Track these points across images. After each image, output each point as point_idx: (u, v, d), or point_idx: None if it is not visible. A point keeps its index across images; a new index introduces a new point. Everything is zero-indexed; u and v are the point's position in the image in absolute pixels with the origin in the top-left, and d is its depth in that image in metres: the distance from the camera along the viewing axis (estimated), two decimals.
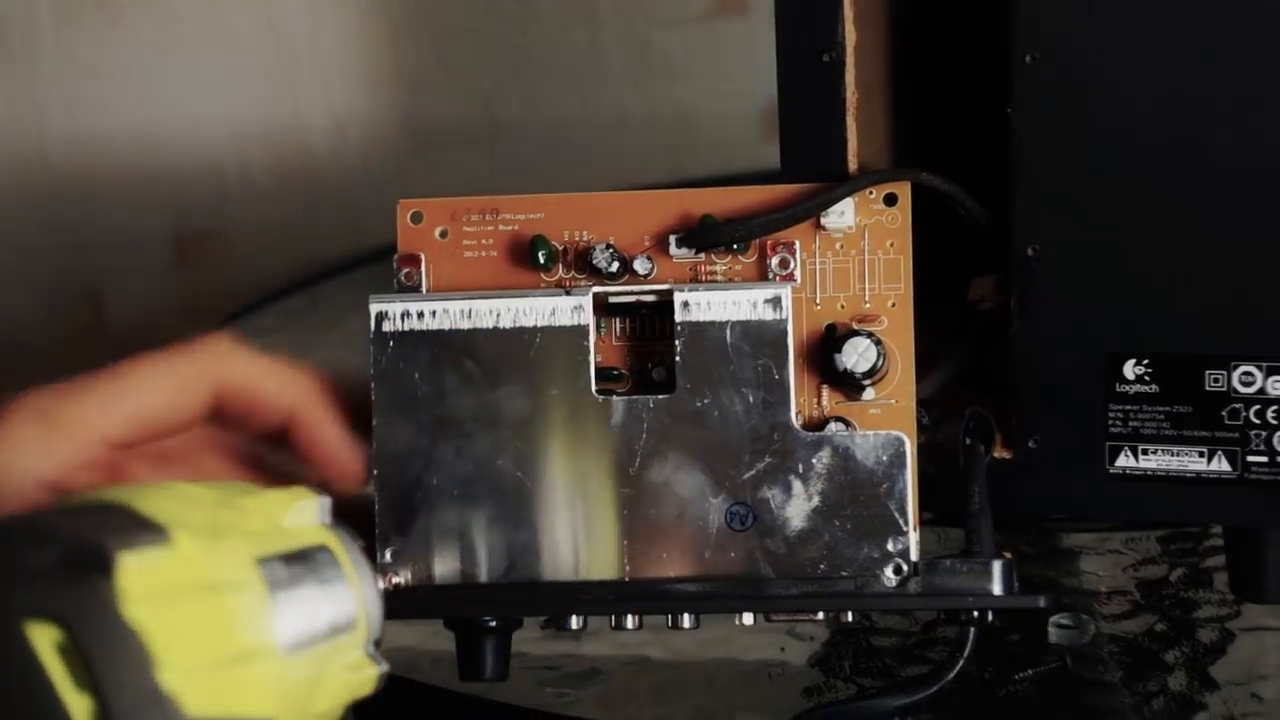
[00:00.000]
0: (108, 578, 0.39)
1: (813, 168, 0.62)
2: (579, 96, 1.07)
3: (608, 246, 0.58)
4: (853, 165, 0.62)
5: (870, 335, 0.57)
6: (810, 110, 0.62)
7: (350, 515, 0.56)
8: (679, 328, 0.57)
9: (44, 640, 0.38)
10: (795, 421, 0.56)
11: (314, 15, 1.06)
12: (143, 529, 0.42)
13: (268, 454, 0.61)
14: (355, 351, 0.59)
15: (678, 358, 0.57)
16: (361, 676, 0.49)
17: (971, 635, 0.56)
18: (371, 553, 0.56)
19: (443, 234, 0.59)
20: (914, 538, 0.56)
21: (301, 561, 0.47)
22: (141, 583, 0.40)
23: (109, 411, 0.56)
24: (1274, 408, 0.59)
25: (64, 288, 1.06)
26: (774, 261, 0.58)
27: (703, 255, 0.58)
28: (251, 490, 0.50)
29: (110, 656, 0.39)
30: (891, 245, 0.58)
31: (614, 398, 0.57)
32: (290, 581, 0.46)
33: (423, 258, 0.59)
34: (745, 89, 1.07)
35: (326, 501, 0.51)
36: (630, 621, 0.57)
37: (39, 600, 0.39)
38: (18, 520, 0.44)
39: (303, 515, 0.49)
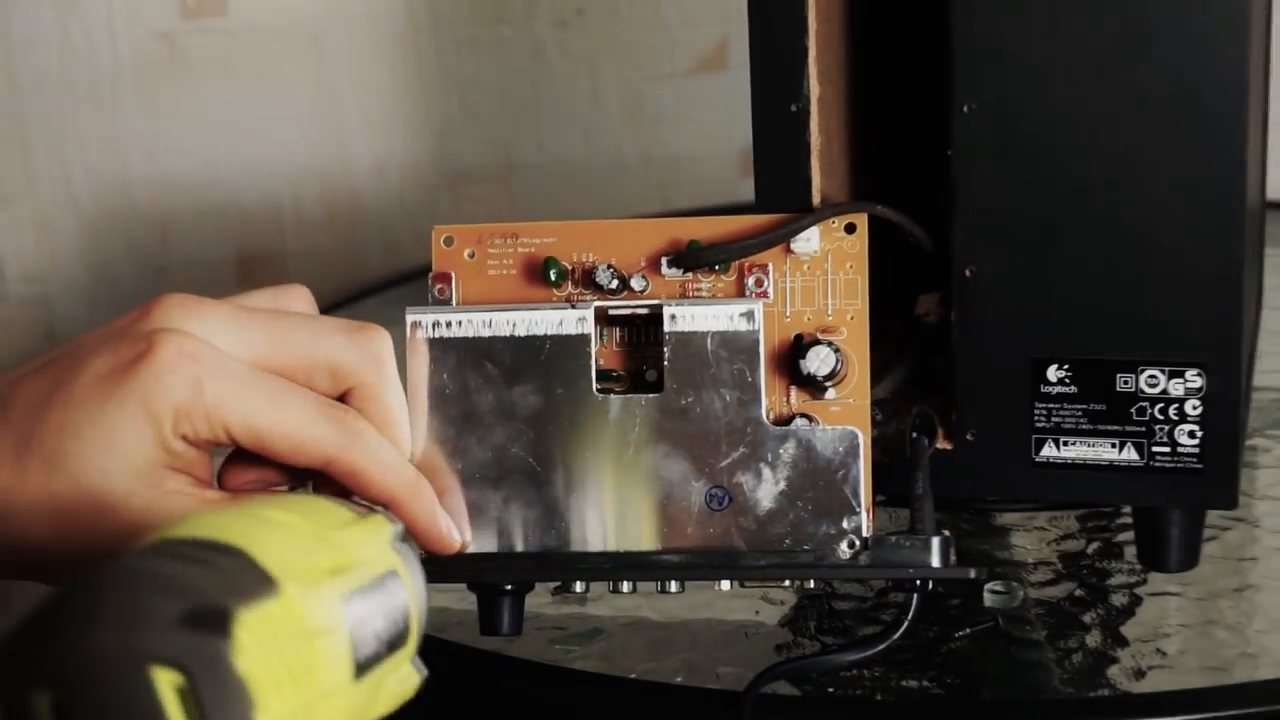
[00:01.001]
0: (227, 635, 0.39)
1: (783, 201, 0.62)
2: (583, 140, 1.06)
3: (609, 267, 0.58)
4: (816, 199, 0.62)
5: (831, 344, 0.56)
6: (780, 152, 0.62)
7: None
8: (667, 336, 0.57)
9: (166, 683, 0.37)
10: (766, 417, 0.57)
11: (358, 72, 1.06)
12: (258, 582, 0.40)
13: None
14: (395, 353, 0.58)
15: (666, 362, 0.57)
16: (407, 686, 0.47)
17: (915, 600, 0.56)
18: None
19: (470, 255, 0.59)
20: (866, 517, 0.56)
21: (376, 592, 0.45)
22: (253, 637, 0.39)
23: (247, 421, 0.52)
24: (1175, 405, 0.59)
25: (122, 296, 1.06)
26: (750, 280, 0.58)
27: (690, 274, 0.58)
28: (338, 516, 0.47)
29: (221, 703, 0.38)
30: (850, 267, 0.58)
31: (612, 396, 0.57)
32: (367, 616, 0.44)
33: (453, 275, 0.59)
34: (725, 134, 1.07)
35: (400, 527, 0.49)
36: (625, 587, 0.57)
37: (166, 648, 0.38)
38: (149, 565, 0.41)
39: (380, 543, 0.47)
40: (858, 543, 0.56)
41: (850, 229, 0.58)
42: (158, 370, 0.52)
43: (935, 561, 0.56)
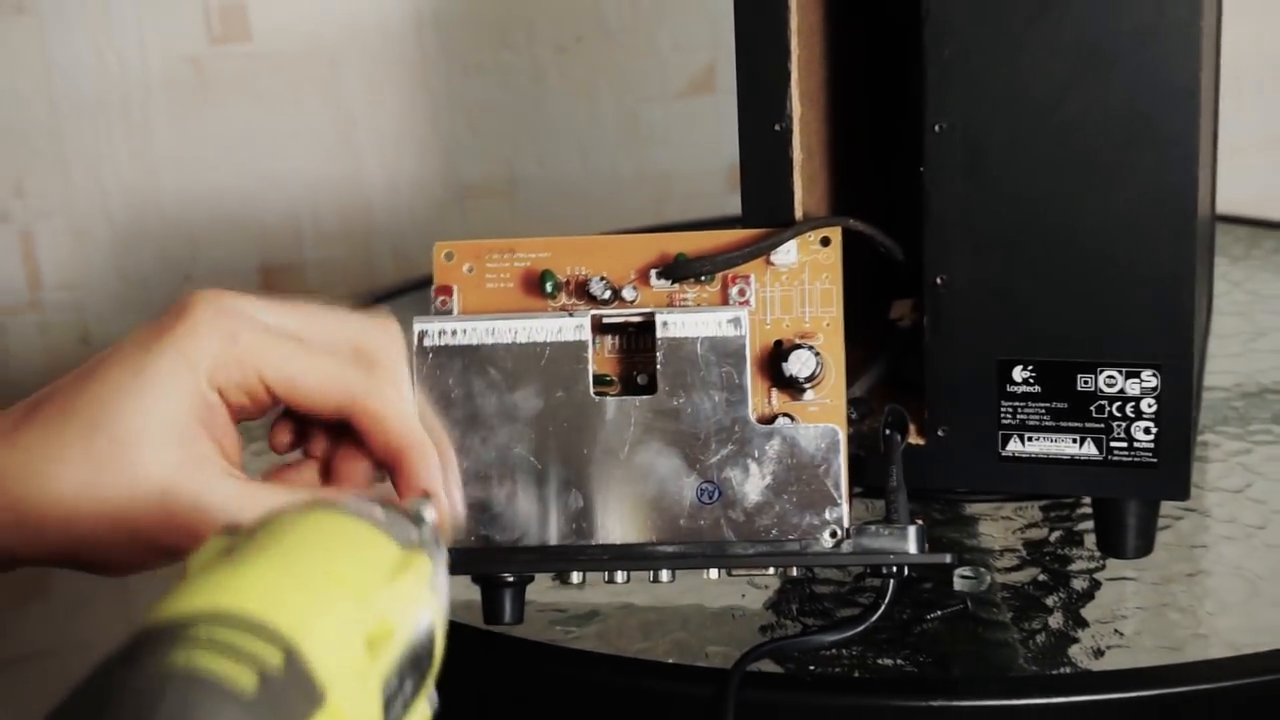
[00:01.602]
0: None
1: (767, 214, 0.62)
2: (581, 157, 1.06)
3: (602, 278, 0.58)
4: (799, 213, 0.62)
5: (812, 348, 0.57)
6: (765, 169, 0.62)
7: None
8: (660, 342, 0.57)
9: None
10: (751, 416, 0.56)
11: (371, 95, 1.06)
12: (308, 699, 0.34)
13: None
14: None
15: (658, 366, 0.57)
16: (419, 717, 0.41)
17: (891, 585, 0.56)
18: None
19: (469, 269, 0.59)
20: (846, 508, 0.56)
21: (413, 652, 0.40)
22: None
23: (280, 365, 0.52)
24: (1131, 404, 0.59)
25: (164, 303, 1.06)
26: (734, 290, 0.58)
27: (677, 285, 0.58)
28: (383, 556, 0.40)
29: None
30: (826, 277, 0.58)
31: (607, 398, 0.57)
32: (401, 680, 0.39)
33: (454, 288, 0.59)
34: (714, 152, 1.07)
35: (432, 520, 0.44)
36: (621, 577, 0.57)
37: None
38: (196, 671, 0.34)
39: (420, 587, 0.41)
40: (839, 532, 0.56)
41: (825, 242, 0.58)
42: (194, 323, 0.52)
43: (912, 549, 0.56)
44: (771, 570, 0.59)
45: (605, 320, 0.58)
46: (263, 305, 0.53)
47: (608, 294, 0.58)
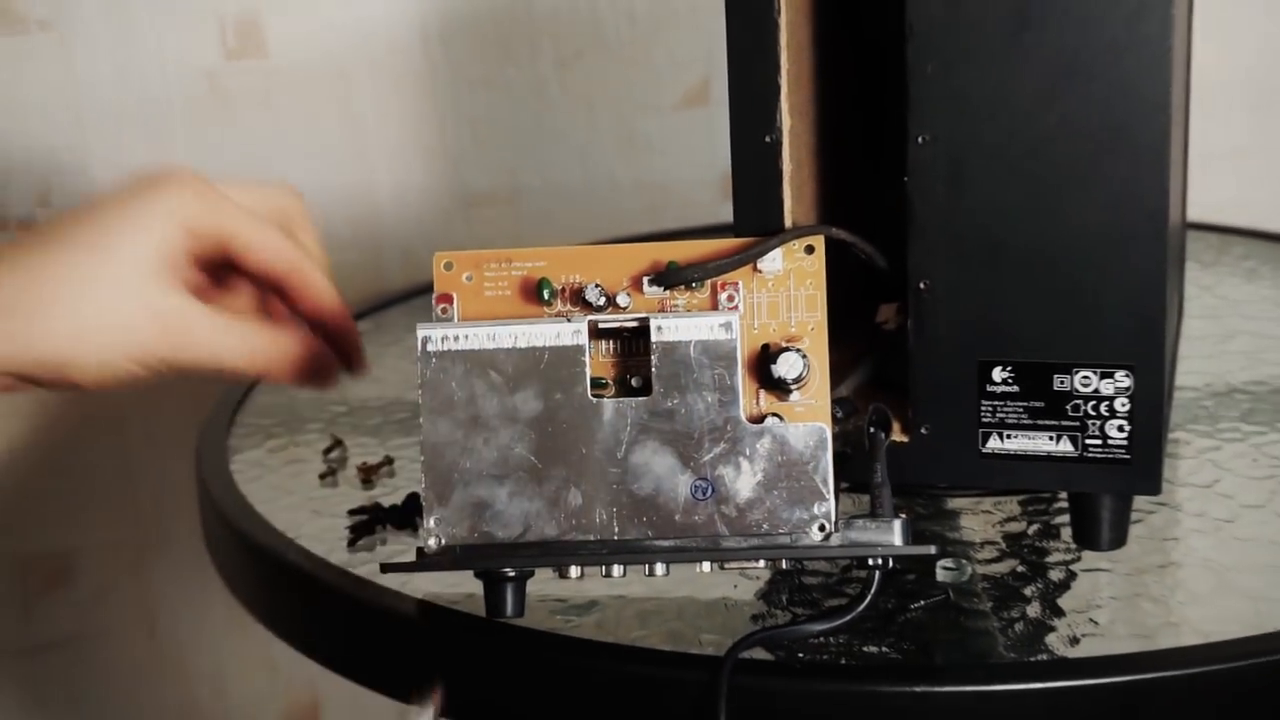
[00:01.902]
0: None
1: (758, 222, 0.62)
2: (581, 167, 1.06)
3: (596, 286, 0.58)
4: (788, 221, 0.62)
5: (797, 351, 0.57)
6: (756, 178, 0.62)
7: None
8: (654, 346, 0.57)
9: None
10: (742, 416, 0.56)
11: (381, 107, 1.06)
12: None
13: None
14: (411, 361, 0.59)
15: (653, 369, 0.57)
16: None
17: (877, 576, 0.56)
18: None
19: (468, 278, 0.59)
20: (833, 503, 0.56)
21: None
22: None
23: (241, 230, 0.62)
24: (1106, 403, 0.59)
25: None
26: (723, 296, 0.58)
27: (669, 292, 0.58)
28: None
29: None
30: (810, 284, 0.58)
31: (604, 400, 0.57)
32: None
33: (454, 296, 0.59)
34: (707, 162, 1.07)
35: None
36: (618, 571, 0.57)
37: None
38: None
39: None
40: (827, 526, 0.56)
41: (809, 250, 0.58)
42: (179, 181, 0.61)
43: (896, 541, 0.56)
44: (762, 563, 0.59)
45: (601, 325, 0.57)
46: (220, 184, 0.62)
47: (603, 300, 0.58)
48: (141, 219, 0.60)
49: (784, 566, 0.62)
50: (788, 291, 0.58)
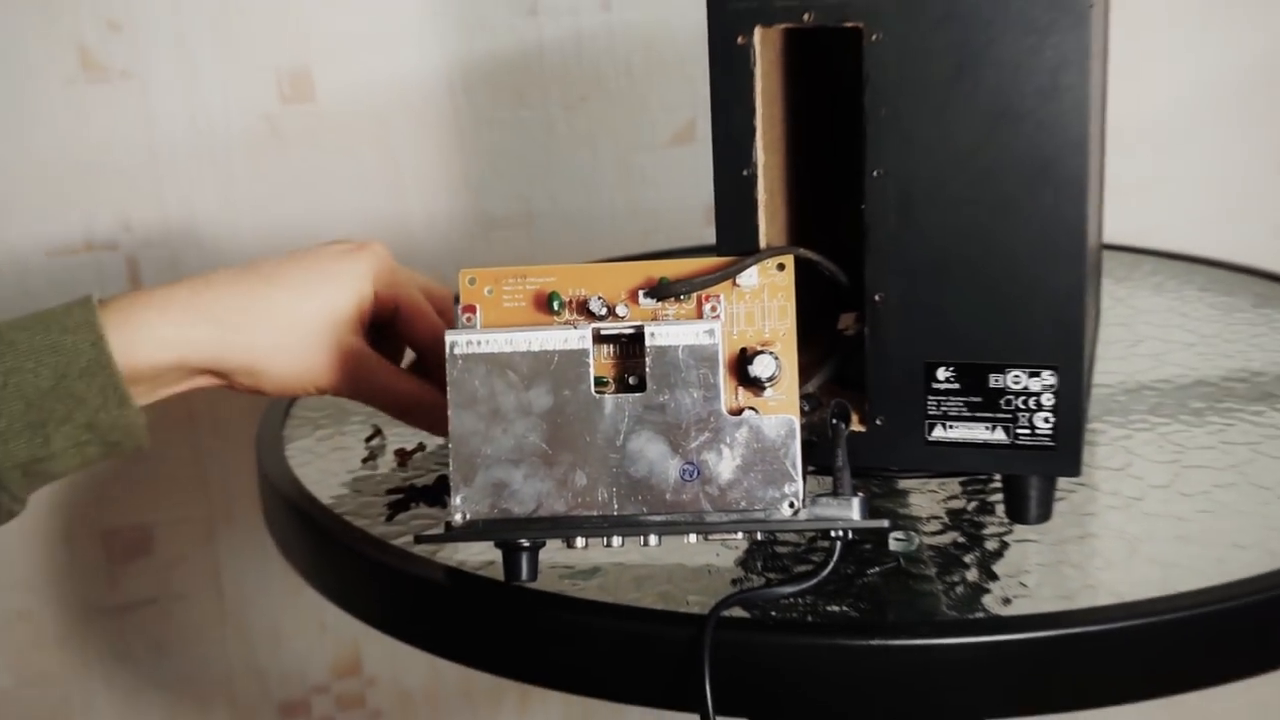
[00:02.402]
0: None
1: (736, 243, 0.62)
2: (585, 196, 1.06)
3: (599, 298, 0.58)
4: (763, 243, 0.62)
5: (771, 354, 0.57)
6: (735, 206, 0.62)
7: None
8: (648, 349, 0.57)
9: None
10: (723, 409, 0.56)
11: (413, 145, 1.06)
12: None
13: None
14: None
15: (647, 369, 0.57)
16: None
17: (838, 546, 0.57)
18: None
19: (489, 291, 0.59)
20: (801, 484, 0.56)
21: None
22: None
23: (409, 294, 0.66)
24: (1033, 398, 0.59)
25: None
26: (707, 307, 0.58)
27: (661, 303, 0.58)
28: None
29: None
30: (781, 296, 0.58)
31: (605, 396, 0.57)
32: None
33: (477, 307, 0.59)
34: (693, 192, 1.07)
35: None
36: (617, 542, 0.57)
37: None
38: None
39: None
40: (796, 503, 0.56)
41: (781, 267, 0.58)
42: (376, 254, 0.66)
43: (855, 516, 0.56)
44: (740, 535, 0.59)
45: (603, 332, 0.57)
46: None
47: (604, 311, 0.58)
48: (344, 276, 0.64)
49: (759, 538, 0.63)
50: (762, 303, 0.58)
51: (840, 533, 0.56)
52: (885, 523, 0.58)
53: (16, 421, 0.58)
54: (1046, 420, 0.59)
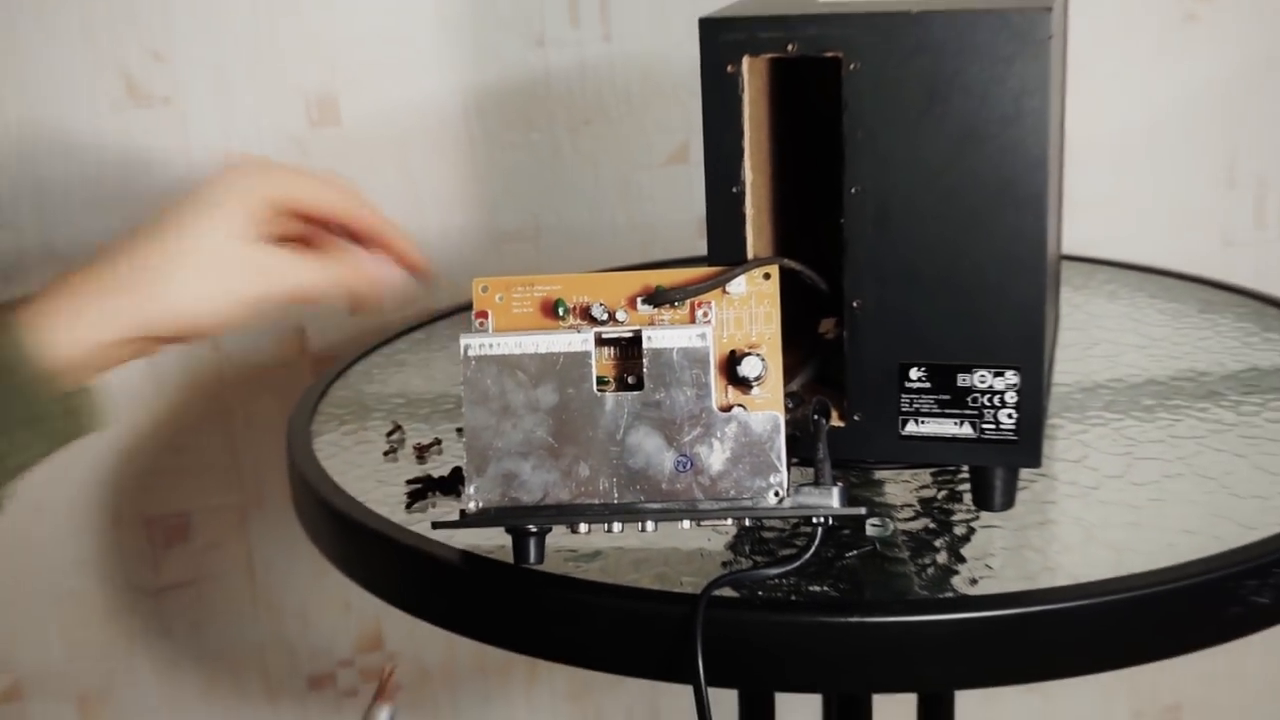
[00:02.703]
0: None
1: (726, 254, 0.62)
2: (589, 211, 1.06)
3: (600, 304, 0.58)
4: (750, 254, 0.62)
5: (758, 355, 0.57)
6: (725, 221, 0.62)
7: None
8: (645, 351, 0.57)
9: None
10: (714, 406, 0.56)
11: (432, 166, 1.06)
12: None
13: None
14: (456, 363, 0.59)
15: (645, 369, 0.57)
16: None
17: (819, 531, 0.57)
18: None
19: (500, 299, 0.59)
20: (785, 474, 0.56)
21: None
22: None
23: (307, 190, 0.62)
24: (998, 395, 0.59)
25: (279, 327, 1.05)
26: (700, 313, 0.58)
27: (657, 309, 0.58)
28: None
29: None
30: (767, 303, 0.58)
31: (606, 394, 0.57)
32: None
33: (489, 313, 0.59)
34: (687, 207, 1.07)
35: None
36: (617, 528, 0.57)
37: None
38: None
39: None
40: (781, 493, 0.56)
41: (767, 276, 0.58)
42: (253, 163, 0.62)
43: (835, 504, 0.56)
44: (730, 521, 0.59)
45: (604, 336, 0.57)
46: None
47: (605, 316, 0.58)
48: (228, 197, 0.60)
49: (747, 524, 0.63)
50: (750, 309, 0.58)
51: (821, 519, 0.56)
52: (862, 510, 0.58)
53: None
54: (1010, 416, 0.59)
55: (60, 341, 0.57)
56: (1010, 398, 0.59)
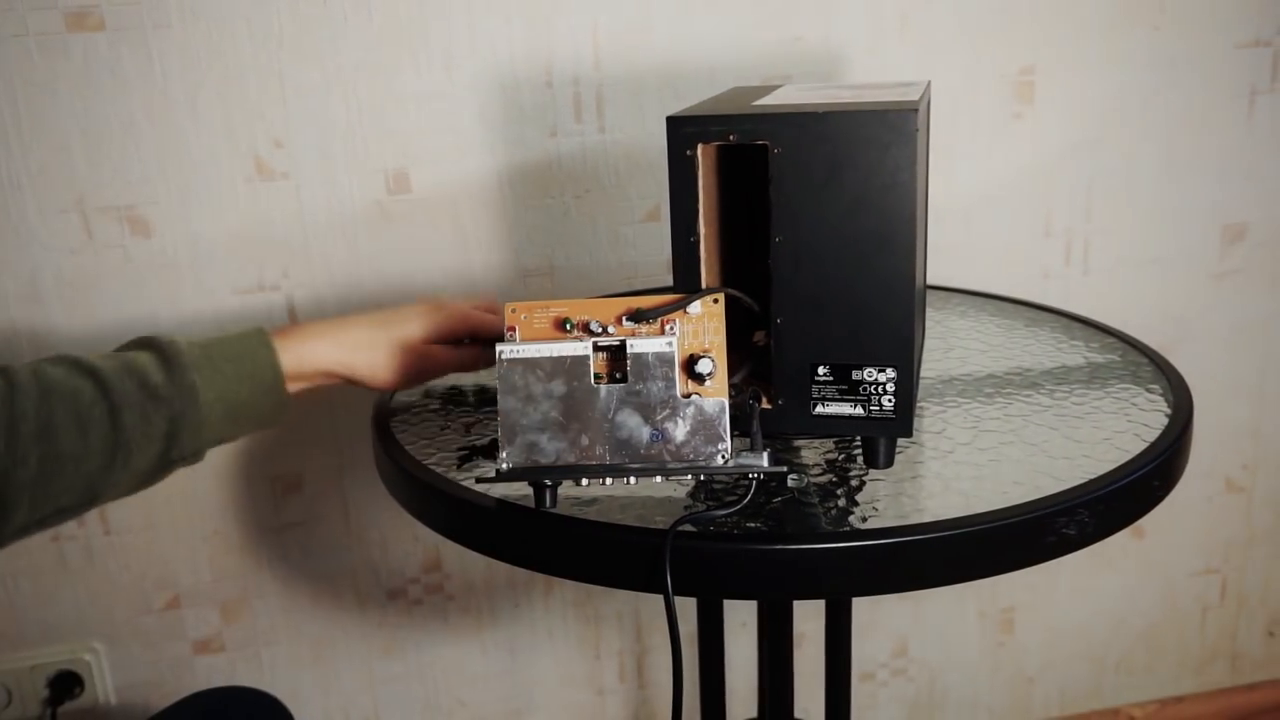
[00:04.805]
0: None
1: (687, 285, 0.61)
2: (589, 255, 1.06)
3: (597, 322, 0.58)
4: (704, 284, 0.62)
5: (709, 358, 0.56)
6: (685, 261, 0.62)
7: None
8: (629, 355, 0.57)
9: None
10: (679, 394, 0.56)
11: (476, 221, 1.05)
12: None
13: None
14: (494, 364, 0.58)
15: (628, 368, 0.56)
16: None
17: (754, 484, 0.57)
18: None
19: (525, 317, 0.59)
20: (729, 443, 0.56)
21: None
22: None
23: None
24: (881, 386, 0.59)
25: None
26: (668, 327, 0.58)
27: (637, 325, 0.58)
28: None
29: None
30: (716, 320, 0.58)
31: (601, 386, 0.57)
32: None
33: (517, 327, 0.59)
34: (659, 251, 1.06)
35: None
36: (609, 482, 0.57)
37: None
38: None
39: None
40: (726, 455, 0.56)
41: (715, 301, 0.58)
42: (429, 301, 0.71)
43: (765, 464, 0.56)
44: (690, 477, 0.59)
45: (599, 344, 0.57)
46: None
47: (600, 330, 0.58)
48: (406, 314, 0.70)
49: (702, 479, 0.63)
50: (704, 324, 0.58)
51: (755, 475, 0.57)
52: (785, 469, 0.58)
53: (220, 422, 0.62)
54: (890, 400, 0.59)
55: (289, 360, 0.65)
56: (890, 387, 0.59)
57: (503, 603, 1.16)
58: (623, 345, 0.57)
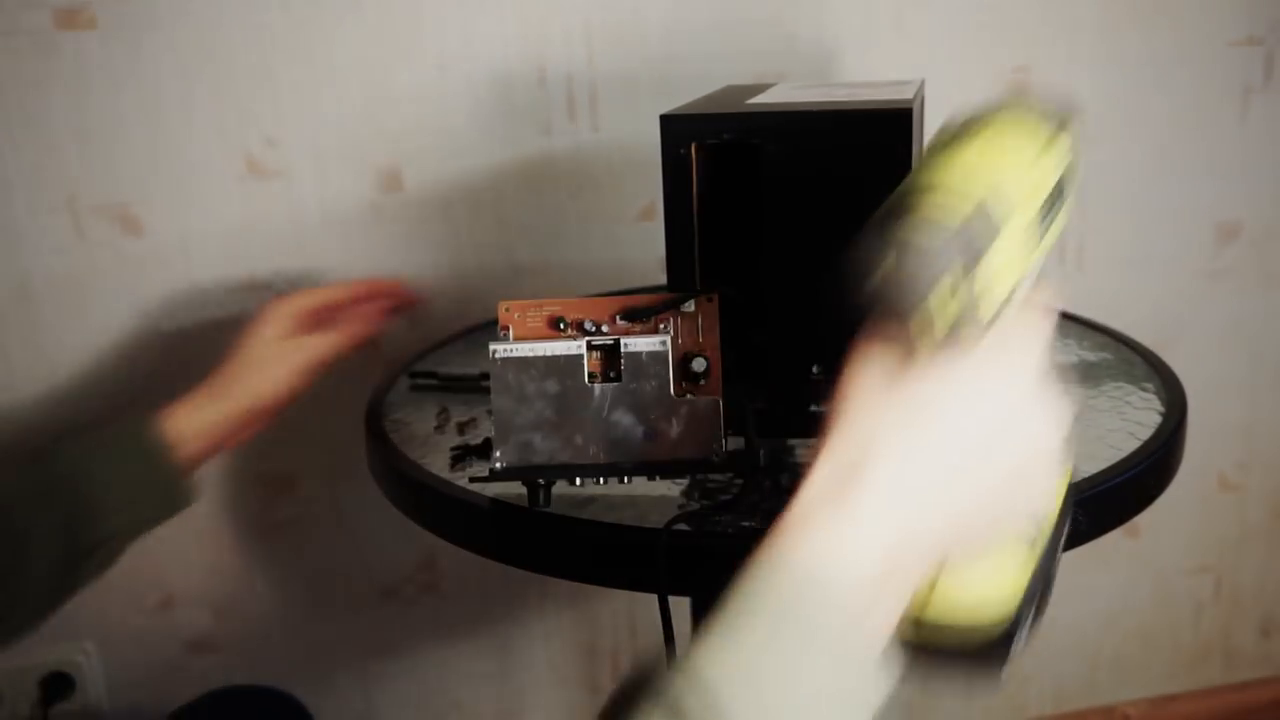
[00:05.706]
0: None
1: (681, 283, 0.62)
2: (584, 253, 1.06)
3: (591, 320, 0.58)
4: (698, 284, 0.62)
5: (703, 357, 0.57)
6: (679, 259, 0.62)
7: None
8: (623, 354, 0.57)
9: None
10: (672, 393, 0.56)
11: (471, 221, 1.05)
12: (991, 230, 0.32)
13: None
14: (488, 362, 0.58)
15: (622, 367, 0.57)
16: (1055, 233, 0.37)
17: (748, 483, 0.57)
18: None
19: (518, 315, 0.59)
20: (724, 443, 0.56)
21: (1050, 205, 0.35)
22: None
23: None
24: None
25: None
26: (661, 326, 0.58)
27: (631, 323, 0.58)
28: (1037, 144, 0.36)
29: None
30: (710, 318, 0.58)
31: (595, 385, 0.57)
32: (1044, 219, 0.35)
33: (510, 326, 0.59)
34: (653, 249, 1.06)
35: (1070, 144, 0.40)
36: (603, 481, 0.57)
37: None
38: (929, 222, 0.34)
39: (1059, 159, 0.36)
40: (720, 455, 0.56)
41: (710, 300, 0.58)
42: (272, 304, 0.76)
43: (760, 463, 0.56)
44: (684, 476, 0.59)
45: (593, 343, 0.57)
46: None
47: (594, 328, 0.58)
48: (265, 320, 0.74)
49: (696, 478, 0.63)
50: (697, 323, 0.58)
51: (749, 474, 0.57)
52: (779, 468, 0.58)
53: (117, 513, 0.68)
54: None
55: (180, 426, 0.70)
56: None
57: (497, 602, 1.16)
58: (617, 344, 0.57)
